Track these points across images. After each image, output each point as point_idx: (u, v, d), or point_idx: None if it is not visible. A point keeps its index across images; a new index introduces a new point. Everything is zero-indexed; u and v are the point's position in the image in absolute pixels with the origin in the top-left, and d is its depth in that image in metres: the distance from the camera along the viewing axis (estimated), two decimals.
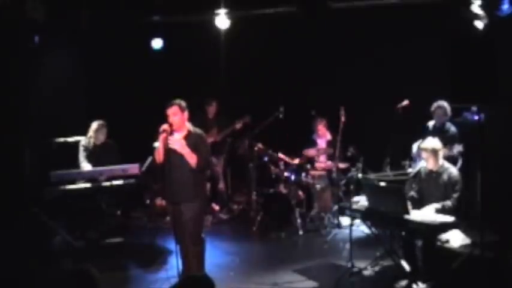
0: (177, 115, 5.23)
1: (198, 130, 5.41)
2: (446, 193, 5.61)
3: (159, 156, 5.26)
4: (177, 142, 5.20)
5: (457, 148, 6.35)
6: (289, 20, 8.45)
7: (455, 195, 5.55)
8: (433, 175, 5.74)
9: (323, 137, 8.17)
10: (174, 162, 5.22)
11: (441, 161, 5.73)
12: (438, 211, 5.43)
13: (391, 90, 7.78)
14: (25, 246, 6.19)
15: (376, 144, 7.25)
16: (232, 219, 8.42)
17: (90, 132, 7.24)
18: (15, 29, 6.99)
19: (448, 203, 5.51)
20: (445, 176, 5.66)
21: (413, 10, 7.66)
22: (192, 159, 5.21)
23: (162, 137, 5.19)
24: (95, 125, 7.25)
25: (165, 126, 5.21)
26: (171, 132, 5.23)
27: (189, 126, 5.36)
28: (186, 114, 5.31)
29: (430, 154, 5.67)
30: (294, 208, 7.60)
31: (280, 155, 8.00)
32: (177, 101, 5.29)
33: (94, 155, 7.21)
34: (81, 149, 7.22)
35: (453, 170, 5.70)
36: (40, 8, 7.15)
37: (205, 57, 8.95)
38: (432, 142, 5.73)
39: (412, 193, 5.81)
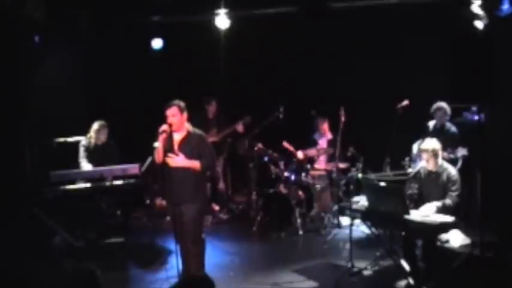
0: (176, 116, 5.24)
1: (197, 130, 5.42)
2: (444, 193, 5.60)
3: (159, 156, 5.27)
4: (176, 160, 5.22)
5: (462, 151, 6.34)
6: (289, 20, 8.45)
7: (453, 194, 5.54)
8: (433, 175, 5.73)
9: (324, 136, 8.17)
10: None
11: (440, 161, 5.73)
12: (439, 209, 5.42)
13: (391, 90, 7.78)
14: (25, 246, 6.18)
15: (376, 144, 7.25)
16: (232, 219, 8.41)
17: (91, 133, 7.24)
18: (15, 29, 6.99)
19: (448, 201, 5.50)
20: (444, 176, 5.65)
21: (413, 10, 7.67)
22: (195, 166, 5.24)
23: (161, 137, 5.20)
24: (96, 125, 7.25)
25: (164, 127, 5.22)
26: (170, 133, 5.24)
27: (188, 126, 5.37)
28: (185, 115, 5.32)
29: (431, 155, 5.66)
30: (294, 208, 7.60)
31: (285, 144, 7.97)
32: (176, 101, 5.30)
33: (94, 155, 7.22)
34: (81, 149, 7.22)
35: (452, 170, 5.70)
36: (40, 8, 7.14)
37: (205, 57, 8.95)
38: (432, 143, 5.71)
39: (411, 191, 5.80)
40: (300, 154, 7.96)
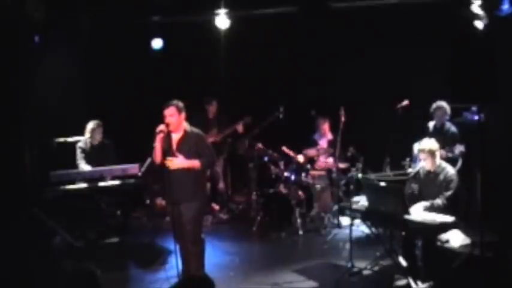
0: (174, 116, 5.25)
1: (195, 129, 5.42)
2: (441, 192, 5.62)
3: (157, 156, 5.28)
4: (175, 162, 5.23)
5: (459, 148, 6.35)
6: (289, 20, 8.45)
7: (446, 194, 5.56)
8: (431, 175, 5.75)
9: (325, 136, 8.17)
10: None
11: (438, 161, 5.75)
12: (427, 209, 5.45)
13: (391, 90, 7.78)
14: (25, 246, 6.18)
15: (376, 144, 7.25)
16: (232, 219, 8.41)
17: (88, 133, 7.24)
18: (15, 29, 6.99)
19: (438, 201, 5.53)
20: (441, 176, 5.68)
21: (414, 10, 7.67)
22: (195, 165, 5.25)
23: (159, 137, 5.21)
24: (91, 124, 7.26)
25: (161, 127, 5.22)
26: (168, 133, 5.25)
27: (185, 126, 5.37)
28: (183, 114, 5.33)
29: (428, 155, 5.69)
30: (294, 208, 7.60)
31: (284, 149, 7.97)
32: (174, 101, 5.31)
33: (92, 156, 7.21)
34: (78, 151, 7.23)
35: (450, 170, 5.72)
36: (40, 8, 7.14)
37: (205, 57, 8.95)
38: (429, 143, 5.74)
39: (411, 191, 5.81)
40: (300, 158, 7.96)
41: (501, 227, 6.09)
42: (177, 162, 5.23)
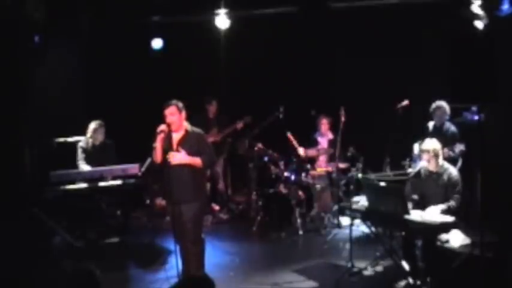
0: (175, 115, 5.26)
1: (195, 129, 5.43)
2: (447, 194, 5.61)
3: (157, 156, 5.28)
4: (176, 157, 5.22)
5: (459, 147, 6.35)
6: (289, 20, 8.45)
7: (457, 196, 5.57)
8: (434, 176, 5.73)
9: (325, 135, 8.16)
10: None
11: (441, 162, 5.73)
12: (444, 212, 5.43)
13: (391, 90, 7.78)
14: (25, 246, 6.18)
15: (376, 144, 7.25)
16: (232, 219, 8.41)
17: (89, 133, 7.24)
18: (15, 29, 6.99)
19: (453, 203, 5.53)
20: (445, 177, 5.66)
21: (414, 10, 7.67)
22: (196, 163, 5.26)
23: (159, 137, 5.22)
24: (93, 124, 7.25)
25: (162, 127, 5.23)
26: (169, 133, 5.25)
27: (186, 125, 5.38)
28: (183, 114, 5.34)
29: (432, 155, 5.66)
30: (294, 208, 7.60)
31: (289, 136, 7.95)
32: (174, 101, 5.32)
33: (93, 156, 7.21)
34: (79, 150, 7.22)
35: (453, 171, 5.71)
36: (40, 8, 7.14)
37: (205, 57, 8.95)
38: (433, 143, 5.71)
39: (414, 196, 5.80)
40: (301, 151, 7.94)
41: (501, 227, 6.09)
42: (179, 156, 5.22)
